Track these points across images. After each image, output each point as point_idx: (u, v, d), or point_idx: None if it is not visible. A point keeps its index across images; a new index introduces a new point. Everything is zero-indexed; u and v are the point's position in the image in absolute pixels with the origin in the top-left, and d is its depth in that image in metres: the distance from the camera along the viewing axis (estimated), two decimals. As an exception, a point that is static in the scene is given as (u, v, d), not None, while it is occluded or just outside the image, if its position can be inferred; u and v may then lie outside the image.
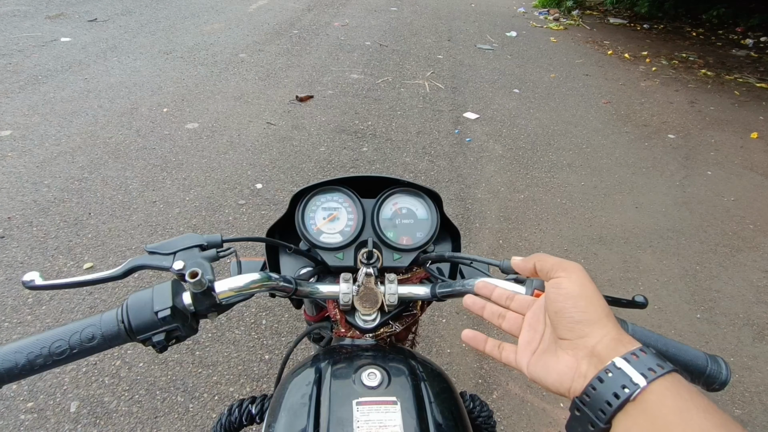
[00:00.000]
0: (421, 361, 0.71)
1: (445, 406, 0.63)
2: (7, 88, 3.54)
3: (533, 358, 0.47)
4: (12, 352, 0.48)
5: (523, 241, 2.62)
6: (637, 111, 4.45)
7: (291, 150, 3.21)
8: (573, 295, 0.43)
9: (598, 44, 6.59)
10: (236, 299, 0.59)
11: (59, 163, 2.79)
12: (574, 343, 0.42)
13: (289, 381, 0.67)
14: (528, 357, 0.47)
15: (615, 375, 0.37)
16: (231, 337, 1.92)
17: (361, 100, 4.04)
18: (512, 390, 1.84)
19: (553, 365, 0.43)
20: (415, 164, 3.21)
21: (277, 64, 4.60)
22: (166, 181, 2.76)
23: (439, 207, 0.80)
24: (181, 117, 3.45)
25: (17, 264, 2.11)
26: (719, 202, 3.16)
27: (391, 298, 0.70)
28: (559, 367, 0.43)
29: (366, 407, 0.58)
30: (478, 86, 4.68)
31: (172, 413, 1.64)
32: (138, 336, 0.51)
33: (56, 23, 4.91)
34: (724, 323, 2.24)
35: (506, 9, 8.32)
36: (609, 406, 0.36)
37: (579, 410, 0.40)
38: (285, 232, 0.84)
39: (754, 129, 4.18)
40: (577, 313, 0.42)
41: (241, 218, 2.54)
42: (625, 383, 0.36)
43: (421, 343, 1.98)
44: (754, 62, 6.08)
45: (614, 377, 0.37)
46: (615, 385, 0.36)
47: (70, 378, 1.70)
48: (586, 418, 0.38)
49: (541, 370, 0.45)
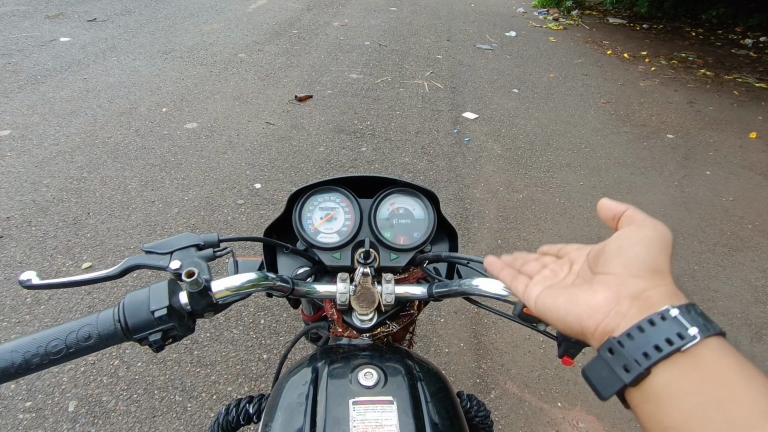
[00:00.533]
0: (418, 360, 0.71)
1: (441, 405, 0.63)
2: (6, 87, 3.54)
3: (546, 290, 0.44)
4: (8, 352, 0.48)
5: (522, 241, 2.62)
6: (636, 111, 4.45)
7: (290, 150, 3.21)
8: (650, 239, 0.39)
9: (598, 44, 6.59)
10: (233, 299, 0.59)
11: (58, 162, 2.79)
12: (621, 279, 0.38)
13: (286, 380, 0.67)
14: (539, 290, 0.45)
15: (669, 322, 0.34)
16: (229, 336, 1.92)
17: (360, 100, 4.04)
18: (510, 389, 1.84)
19: (585, 298, 0.40)
20: (414, 164, 3.22)
21: (277, 63, 4.60)
22: (165, 180, 2.76)
23: (436, 207, 0.81)
24: (180, 117, 3.45)
25: (16, 264, 2.11)
26: (718, 202, 3.16)
27: (388, 297, 0.70)
28: (593, 300, 0.39)
29: (362, 407, 0.58)
30: (478, 86, 4.68)
31: (170, 412, 1.64)
32: (134, 335, 0.51)
33: (56, 23, 4.91)
34: (722, 323, 2.24)
35: (505, 9, 8.32)
36: (657, 351, 0.33)
37: (613, 351, 0.36)
38: (282, 231, 0.84)
39: (753, 129, 4.18)
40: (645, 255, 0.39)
41: (239, 218, 2.54)
42: (680, 331, 0.33)
43: (419, 343, 1.98)
44: (753, 62, 6.09)
45: (667, 324, 0.34)
46: (668, 331, 0.34)
47: (69, 377, 1.70)
48: (621, 361, 0.35)
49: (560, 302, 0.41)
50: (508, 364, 1.94)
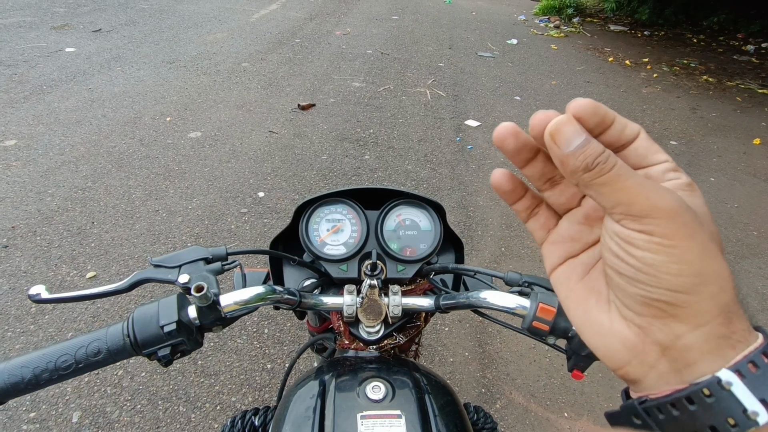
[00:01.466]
0: (425, 373, 0.71)
1: (449, 419, 0.63)
2: (12, 98, 3.57)
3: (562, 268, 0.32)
4: (18, 367, 0.48)
5: (526, 249, 2.62)
6: (638, 118, 4.45)
7: (293, 158, 3.22)
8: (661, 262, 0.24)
9: (599, 51, 6.61)
10: (241, 312, 0.59)
11: (63, 172, 2.81)
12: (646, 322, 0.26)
13: (293, 393, 0.67)
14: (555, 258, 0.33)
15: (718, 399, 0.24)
16: (233, 346, 1.91)
17: (362, 108, 4.06)
18: (516, 399, 1.83)
19: (601, 321, 0.29)
20: (417, 172, 3.22)
21: (279, 73, 4.64)
22: (168, 189, 2.77)
23: (443, 218, 0.81)
24: (184, 126, 3.48)
25: (20, 273, 2.11)
26: (722, 209, 3.15)
27: (395, 309, 0.70)
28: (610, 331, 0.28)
29: (370, 421, 0.58)
30: (480, 94, 4.70)
31: (175, 423, 1.63)
32: (144, 350, 0.51)
33: (61, 34, 4.96)
34: (729, 331, 2.22)
35: (507, 17, 8.37)
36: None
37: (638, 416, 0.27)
38: (288, 243, 0.84)
39: (756, 135, 4.18)
40: (661, 290, 0.25)
41: (243, 227, 2.54)
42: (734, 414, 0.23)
43: (423, 353, 1.97)
44: (755, 68, 6.10)
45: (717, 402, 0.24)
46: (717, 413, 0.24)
47: (73, 388, 1.70)
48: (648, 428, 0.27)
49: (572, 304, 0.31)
50: (513, 373, 1.93)
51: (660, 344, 0.26)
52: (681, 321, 0.25)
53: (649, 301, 0.25)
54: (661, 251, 0.24)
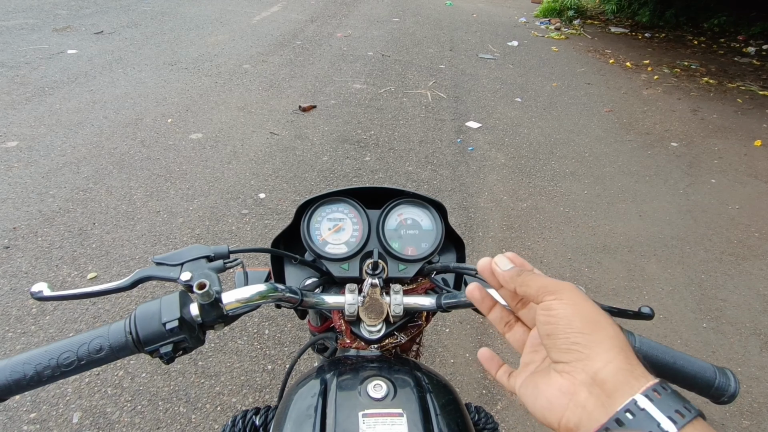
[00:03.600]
0: (427, 372, 0.71)
1: (451, 418, 0.62)
2: (14, 99, 3.59)
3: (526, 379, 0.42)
4: (20, 364, 0.48)
5: (527, 250, 2.61)
6: (639, 119, 4.46)
7: (294, 159, 3.23)
8: (566, 315, 0.36)
9: (600, 53, 6.62)
10: (243, 310, 0.59)
11: (64, 173, 2.81)
12: (571, 366, 0.35)
13: (294, 392, 0.67)
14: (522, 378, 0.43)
15: (639, 417, 0.30)
16: (234, 347, 1.91)
17: (363, 110, 4.07)
18: (516, 400, 1.82)
19: (544, 388, 0.37)
20: (418, 173, 3.22)
21: (281, 74, 4.65)
22: (170, 191, 2.77)
23: (444, 218, 0.81)
24: (186, 127, 3.48)
25: (22, 274, 2.11)
26: (724, 210, 3.15)
27: (396, 308, 0.69)
28: (549, 390, 0.36)
29: (372, 419, 0.58)
30: (480, 95, 4.70)
31: (175, 424, 1.63)
32: (146, 347, 0.51)
33: (63, 36, 4.98)
34: (730, 332, 2.22)
35: (507, 19, 8.39)
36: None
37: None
38: (290, 242, 0.84)
39: (757, 136, 4.17)
40: (572, 333, 0.35)
41: (244, 228, 2.54)
42: (652, 429, 0.30)
43: (425, 354, 1.97)
44: (756, 70, 6.10)
45: (638, 420, 0.30)
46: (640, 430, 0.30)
47: (73, 388, 1.70)
48: None
49: (530, 393, 0.39)
50: (514, 374, 1.92)
51: (584, 383, 0.34)
52: (594, 360, 0.34)
53: (569, 345, 0.35)
54: (568, 308, 0.37)
